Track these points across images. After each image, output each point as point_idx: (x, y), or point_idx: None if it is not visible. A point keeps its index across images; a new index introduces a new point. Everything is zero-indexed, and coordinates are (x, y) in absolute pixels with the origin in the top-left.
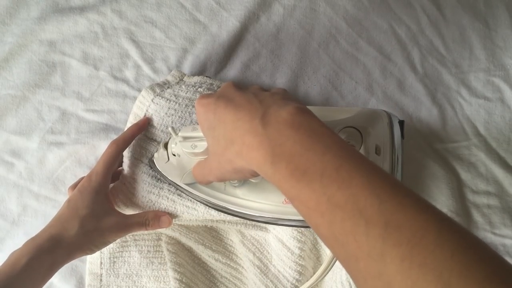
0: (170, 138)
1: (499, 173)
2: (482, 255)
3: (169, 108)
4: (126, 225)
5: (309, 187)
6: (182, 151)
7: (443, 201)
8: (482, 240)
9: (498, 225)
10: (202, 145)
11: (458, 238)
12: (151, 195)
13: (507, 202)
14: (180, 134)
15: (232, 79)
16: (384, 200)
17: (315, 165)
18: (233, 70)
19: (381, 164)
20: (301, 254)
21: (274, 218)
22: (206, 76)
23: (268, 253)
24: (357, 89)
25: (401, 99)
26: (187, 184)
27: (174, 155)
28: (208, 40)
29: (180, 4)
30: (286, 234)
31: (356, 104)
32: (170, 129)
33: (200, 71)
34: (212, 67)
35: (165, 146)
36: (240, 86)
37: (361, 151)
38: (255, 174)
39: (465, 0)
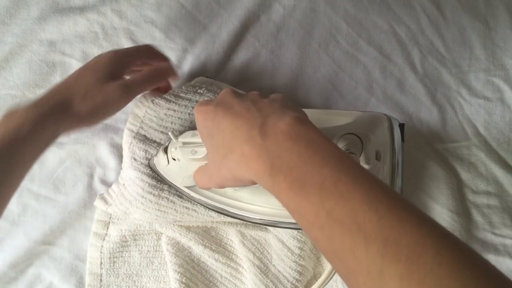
0: (169, 142)
1: (499, 173)
2: (482, 273)
3: (168, 108)
4: (127, 85)
5: (308, 200)
6: (182, 157)
7: (443, 201)
8: (482, 256)
9: (498, 225)
10: (202, 151)
11: (458, 255)
12: (151, 196)
13: (507, 202)
14: (180, 139)
15: (232, 79)
16: (383, 215)
17: (314, 178)
18: (233, 70)
19: (381, 170)
20: (301, 254)
21: (274, 221)
22: (206, 77)
23: (268, 253)
24: (357, 89)
25: (401, 99)
26: (187, 187)
27: (174, 159)
28: (208, 40)
29: (180, 4)
30: (286, 234)
31: (356, 104)
32: (170, 133)
33: (200, 71)
34: (212, 67)
35: (165, 150)
36: (239, 92)
37: (362, 158)
38: (254, 183)
39: (465, 0)
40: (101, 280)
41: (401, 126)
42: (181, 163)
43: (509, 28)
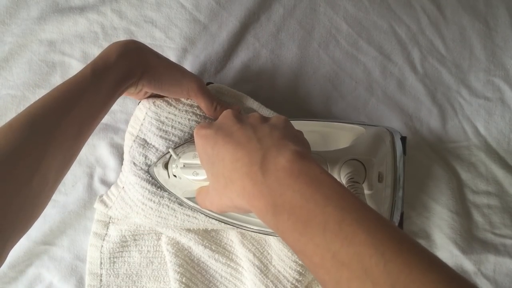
0: (170, 157)
1: (499, 173)
2: None
3: (169, 112)
4: (202, 83)
5: (312, 241)
6: (183, 176)
7: (443, 201)
8: None
9: (498, 225)
10: (204, 172)
11: None
12: (151, 203)
13: (507, 202)
14: (181, 160)
15: (232, 79)
16: (389, 260)
17: (317, 218)
18: (233, 70)
19: (383, 191)
20: None
21: (272, 232)
22: (207, 83)
23: (268, 253)
24: (357, 89)
25: (401, 99)
26: (188, 198)
27: (175, 176)
28: (208, 40)
29: (180, 4)
30: None
31: (356, 104)
32: (171, 150)
33: (200, 71)
34: (212, 67)
35: (165, 166)
36: (239, 116)
37: (365, 184)
38: None
39: (465, 0)
40: (101, 280)
41: (403, 139)
42: (182, 180)
43: (509, 28)
